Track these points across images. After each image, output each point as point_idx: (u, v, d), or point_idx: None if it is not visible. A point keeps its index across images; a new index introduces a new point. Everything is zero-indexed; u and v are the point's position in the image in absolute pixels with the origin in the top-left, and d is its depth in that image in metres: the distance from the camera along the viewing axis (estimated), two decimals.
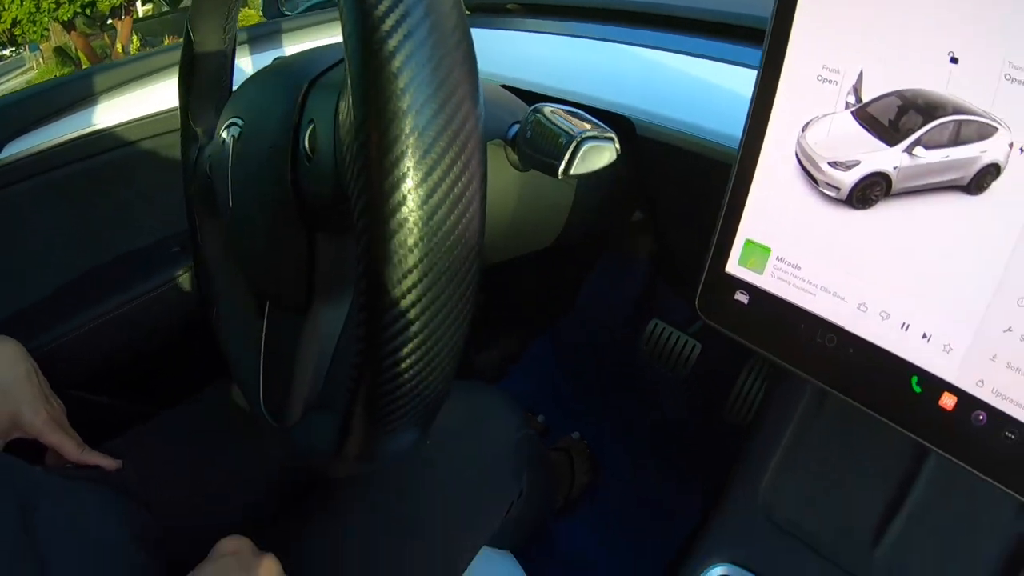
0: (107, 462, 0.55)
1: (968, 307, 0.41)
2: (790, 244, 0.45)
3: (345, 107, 0.33)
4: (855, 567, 0.56)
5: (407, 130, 0.26)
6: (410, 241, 0.27)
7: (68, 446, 0.54)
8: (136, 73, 0.62)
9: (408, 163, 0.26)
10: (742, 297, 0.47)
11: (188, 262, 0.67)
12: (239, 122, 0.43)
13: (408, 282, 0.28)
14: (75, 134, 0.61)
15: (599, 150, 0.41)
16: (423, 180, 0.26)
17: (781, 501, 0.58)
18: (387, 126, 0.25)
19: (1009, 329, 0.40)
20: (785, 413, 0.58)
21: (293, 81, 0.40)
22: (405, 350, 0.29)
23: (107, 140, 0.62)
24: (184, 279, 0.67)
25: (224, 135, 0.44)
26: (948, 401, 0.42)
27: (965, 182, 0.40)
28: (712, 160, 0.53)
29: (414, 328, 0.28)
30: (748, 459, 0.58)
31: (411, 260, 0.27)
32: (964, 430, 0.42)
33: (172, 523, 0.52)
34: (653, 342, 0.79)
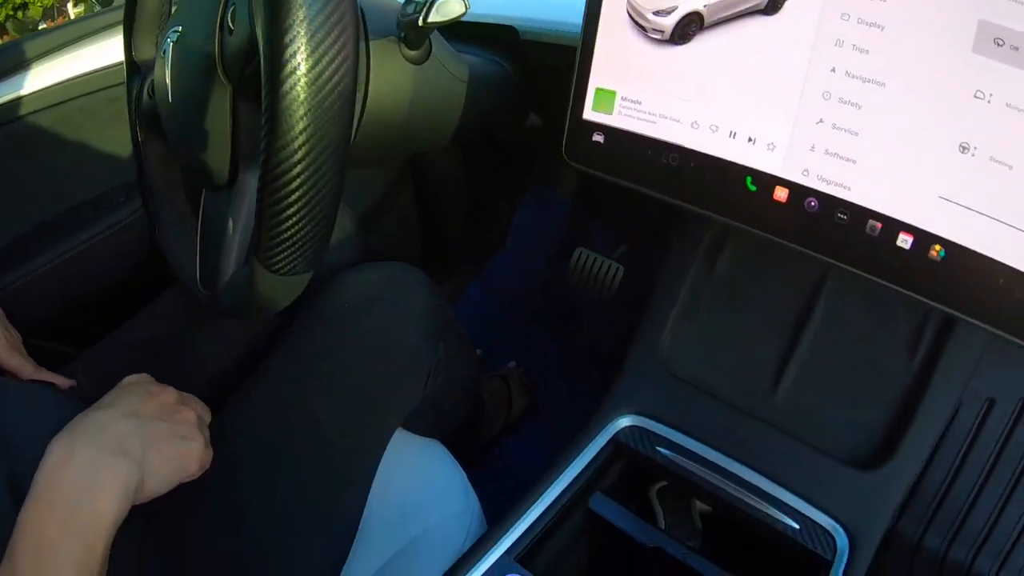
0: (61, 380, 0.59)
1: (782, 108, 0.47)
2: (631, 84, 0.51)
3: None
4: (756, 409, 0.59)
5: (300, 19, 0.35)
6: (301, 96, 0.36)
7: (25, 368, 0.58)
8: (77, 34, 0.70)
9: (300, 42, 0.35)
10: (599, 138, 0.53)
11: (132, 208, 0.73)
12: (178, 28, 0.52)
13: (298, 129, 0.36)
14: (19, 93, 0.68)
15: (449, 2, 0.48)
16: (311, 54, 0.35)
17: (681, 357, 0.62)
18: (285, 16, 0.35)
19: (820, 120, 0.46)
20: (678, 277, 0.63)
21: None
22: (297, 181, 0.37)
23: (50, 97, 0.69)
24: (129, 225, 0.73)
25: (165, 46, 0.52)
26: (781, 194, 0.48)
27: (763, 6, 0.47)
28: None
29: (304, 164, 0.37)
30: (646, 322, 0.62)
31: (300, 113, 0.36)
32: (801, 218, 0.47)
33: None
34: (579, 269, 0.83)
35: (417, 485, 0.63)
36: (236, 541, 0.52)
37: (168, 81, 0.53)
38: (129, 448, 0.43)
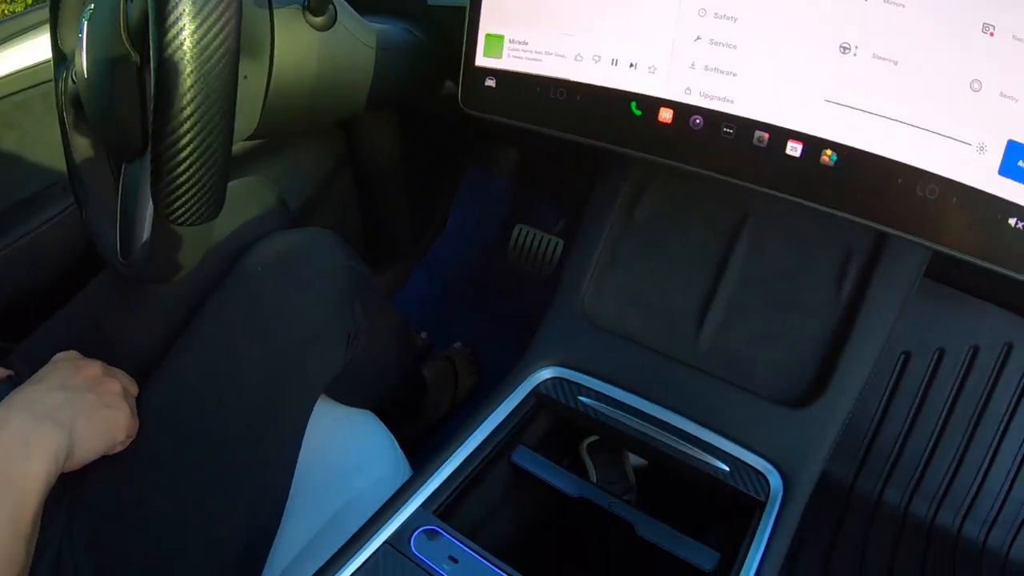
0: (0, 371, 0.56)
1: (659, 30, 0.44)
2: (516, 27, 0.49)
3: None
4: (680, 354, 0.55)
5: None
6: (187, 55, 0.36)
7: None
8: (10, 31, 0.68)
9: (185, 13, 0.35)
10: (491, 82, 0.50)
11: (70, 202, 0.71)
12: (91, 6, 0.51)
13: (187, 98, 0.37)
14: None
15: None
16: (196, 26, 0.36)
17: (602, 307, 0.58)
18: None
19: (698, 38, 0.43)
20: (597, 227, 0.59)
21: None
22: (187, 125, 0.38)
23: None
24: (64, 220, 0.70)
25: (81, 25, 0.51)
26: (666, 115, 0.44)
27: None
28: None
29: (191, 110, 0.37)
30: (566, 273, 0.58)
31: (188, 82, 0.37)
32: (688, 137, 0.44)
33: None
34: (519, 247, 0.80)
35: (346, 453, 0.58)
36: (163, 517, 0.49)
37: (84, 58, 0.51)
38: (59, 416, 0.44)
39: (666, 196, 0.59)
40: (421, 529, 0.47)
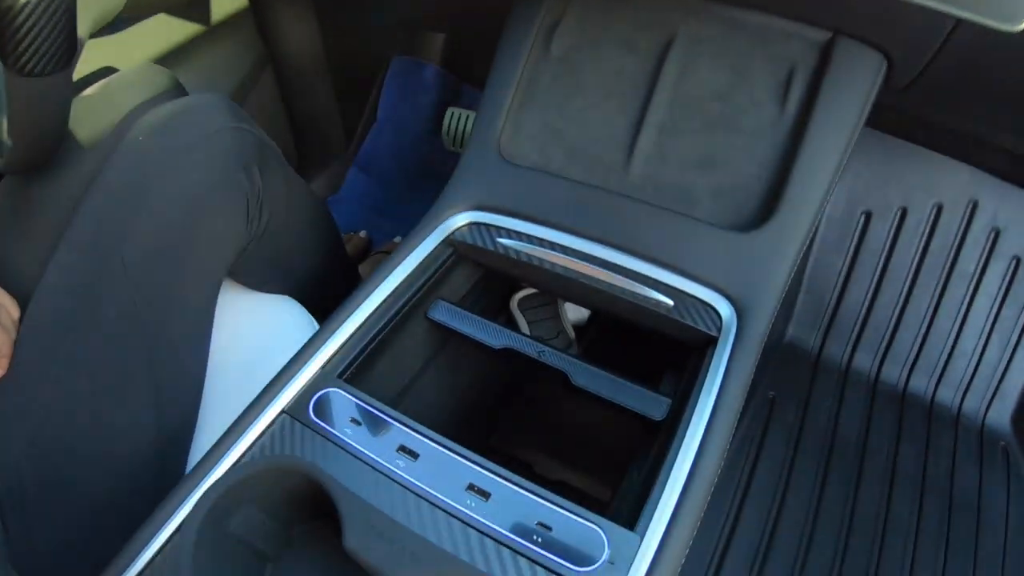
0: None
1: None
2: None
3: None
4: (609, 183, 0.45)
5: None
6: None
7: None
8: None
9: None
10: None
11: None
12: None
13: None
14: None
15: None
16: None
17: (522, 145, 0.48)
18: None
19: None
20: (513, 61, 0.49)
21: None
22: None
23: None
24: None
25: None
26: None
27: None
28: None
29: None
30: (481, 114, 0.48)
31: None
32: None
33: None
34: (452, 129, 0.70)
35: (265, 337, 0.50)
36: (62, 412, 0.41)
37: None
38: None
39: (583, 25, 0.49)
40: (320, 393, 0.38)
